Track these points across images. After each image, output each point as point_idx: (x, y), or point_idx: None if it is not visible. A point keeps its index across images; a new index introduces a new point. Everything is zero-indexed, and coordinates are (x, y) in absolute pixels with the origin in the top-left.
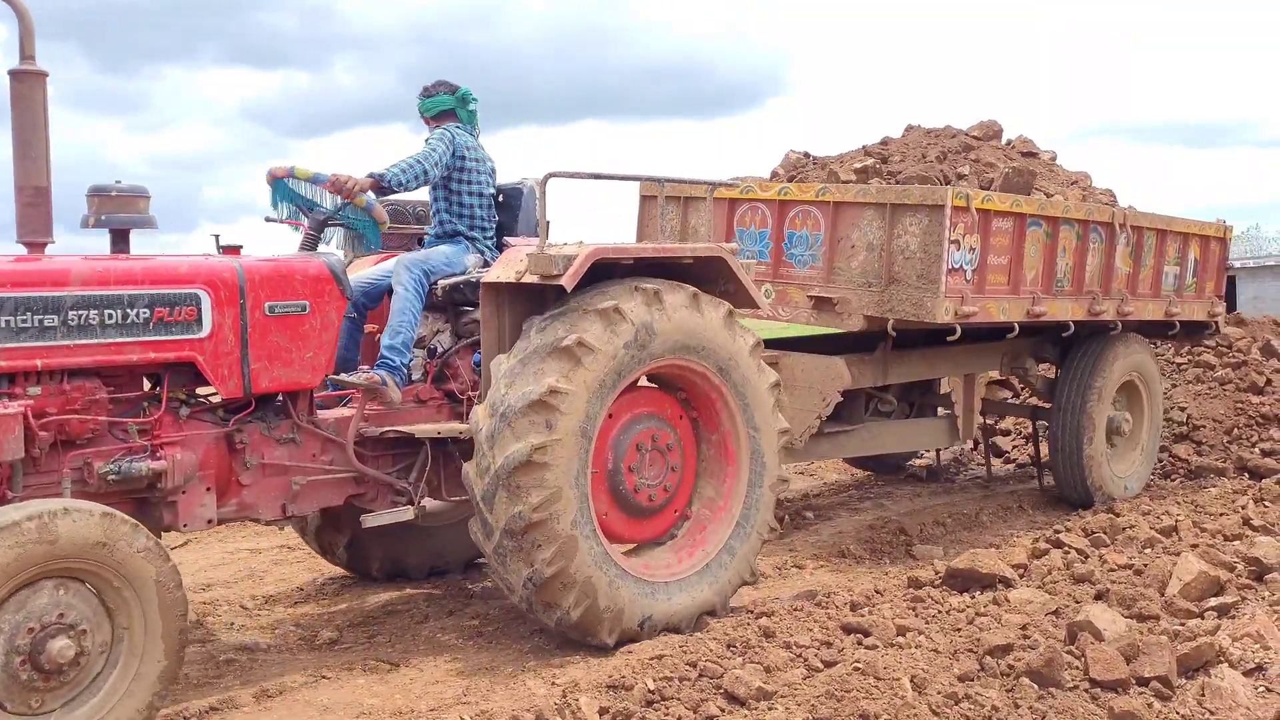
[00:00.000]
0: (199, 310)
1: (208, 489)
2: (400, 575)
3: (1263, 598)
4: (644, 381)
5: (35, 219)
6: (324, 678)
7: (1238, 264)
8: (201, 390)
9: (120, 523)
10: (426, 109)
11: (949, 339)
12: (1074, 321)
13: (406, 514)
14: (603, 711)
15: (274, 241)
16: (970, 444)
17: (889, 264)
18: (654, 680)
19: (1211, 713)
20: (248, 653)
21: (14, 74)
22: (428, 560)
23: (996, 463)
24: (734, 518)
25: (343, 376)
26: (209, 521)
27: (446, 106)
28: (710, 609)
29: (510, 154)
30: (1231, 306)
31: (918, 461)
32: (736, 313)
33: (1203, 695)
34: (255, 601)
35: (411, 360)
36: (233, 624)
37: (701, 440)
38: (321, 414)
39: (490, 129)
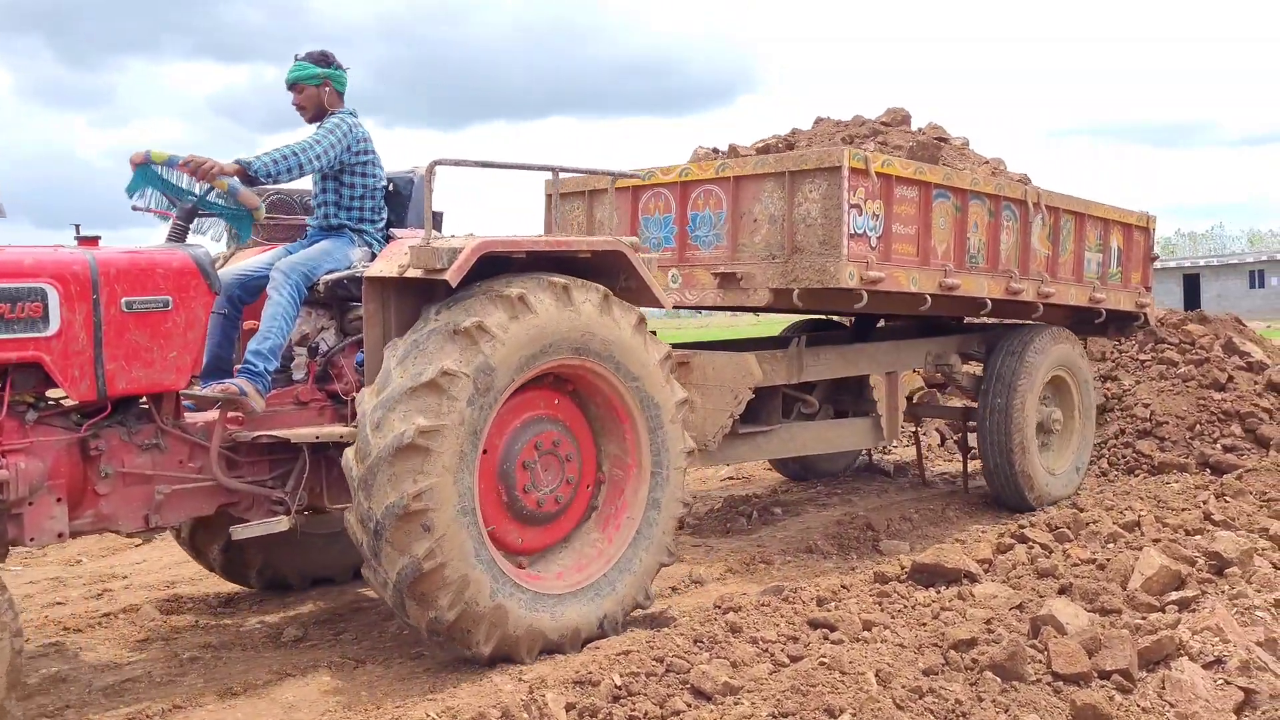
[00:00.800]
0: (45, 306)
1: (58, 500)
2: (280, 585)
3: (1222, 591)
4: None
5: None
6: (288, 675)
7: (1203, 262)
8: (54, 393)
9: None
10: (299, 76)
11: (856, 306)
12: (992, 299)
13: (281, 525)
14: (569, 707)
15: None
16: (937, 442)
17: (791, 234)
18: (621, 676)
19: (1172, 705)
20: (212, 651)
21: None
22: (310, 570)
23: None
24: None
25: (195, 390)
26: (60, 535)
27: (310, 76)
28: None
29: (479, 150)
30: (1194, 304)
31: (887, 458)
32: (610, 295)
33: (1163, 688)
34: (219, 599)
35: (289, 363)
36: (196, 622)
37: (589, 411)
38: (189, 417)
39: (459, 124)
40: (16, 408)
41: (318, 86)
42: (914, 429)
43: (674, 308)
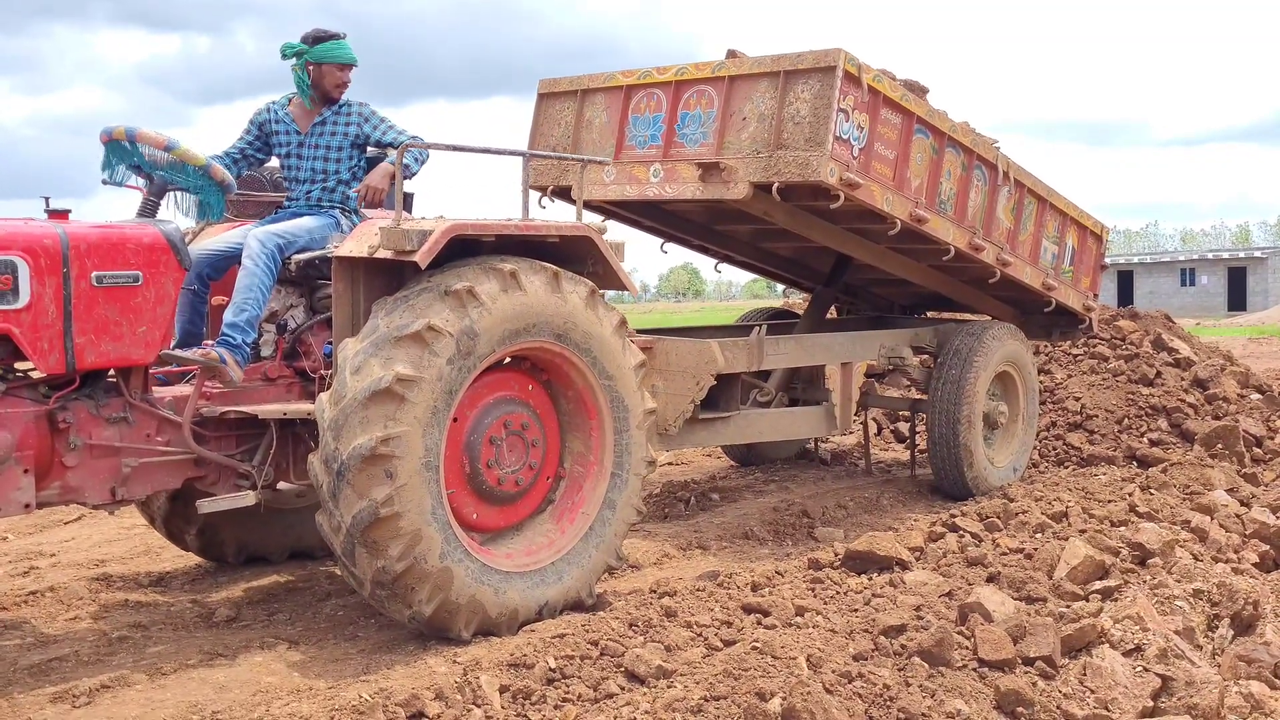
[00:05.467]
0: (15, 279)
1: (25, 470)
2: (259, 560)
3: (1144, 581)
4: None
5: None
6: (220, 656)
7: (1136, 259)
8: (22, 365)
9: None
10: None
11: (832, 206)
12: (956, 248)
13: (247, 499)
14: (503, 689)
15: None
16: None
17: (779, 132)
18: (555, 659)
19: (1092, 690)
20: (142, 630)
21: None
22: (287, 544)
23: (898, 448)
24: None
25: (177, 352)
26: (26, 506)
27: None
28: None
29: (421, 128)
30: (1127, 301)
31: (824, 446)
32: (599, 292)
33: (1084, 674)
34: (150, 579)
35: (258, 338)
36: (127, 601)
37: (559, 405)
38: (158, 391)
39: (399, 101)
40: None
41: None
42: (861, 419)
43: (651, 200)
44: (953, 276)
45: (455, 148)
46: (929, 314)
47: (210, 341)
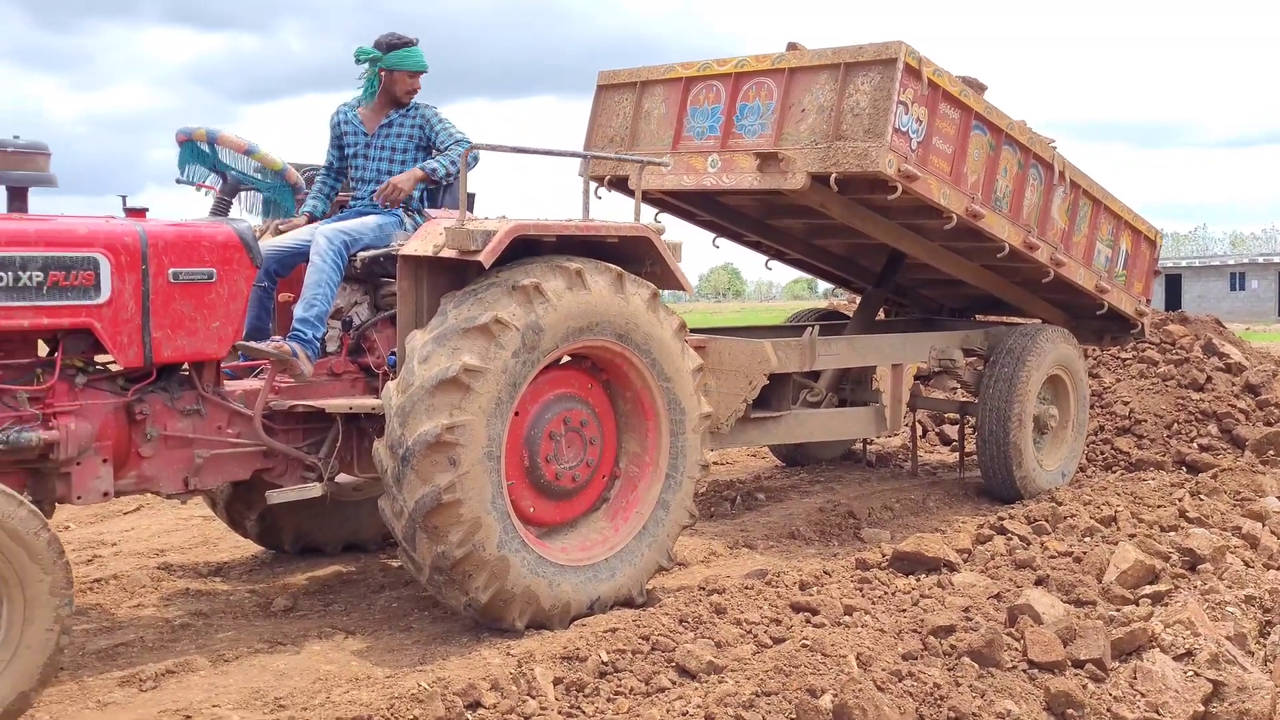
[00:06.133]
0: (97, 275)
1: (104, 460)
2: (314, 551)
3: (1195, 587)
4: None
5: None
6: (279, 644)
7: (1185, 263)
8: (102, 358)
9: (10, 500)
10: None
11: (889, 198)
12: (1010, 245)
13: (314, 491)
14: (557, 681)
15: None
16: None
17: (837, 124)
18: (607, 652)
19: (1143, 694)
20: (203, 618)
21: None
22: (342, 536)
23: (944, 450)
24: (661, 483)
25: (251, 345)
26: (105, 494)
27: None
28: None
29: (462, 128)
30: (1175, 305)
31: (870, 447)
32: (660, 295)
33: (1135, 678)
34: (209, 568)
35: (326, 333)
36: (188, 590)
37: (617, 405)
38: (229, 385)
39: (439, 100)
40: (67, 372)
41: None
42: (909, 420)
43: (708, 191)
44: (1005, 277)
45: (519, 150)
46: (977, 317)
47: (279, 337)
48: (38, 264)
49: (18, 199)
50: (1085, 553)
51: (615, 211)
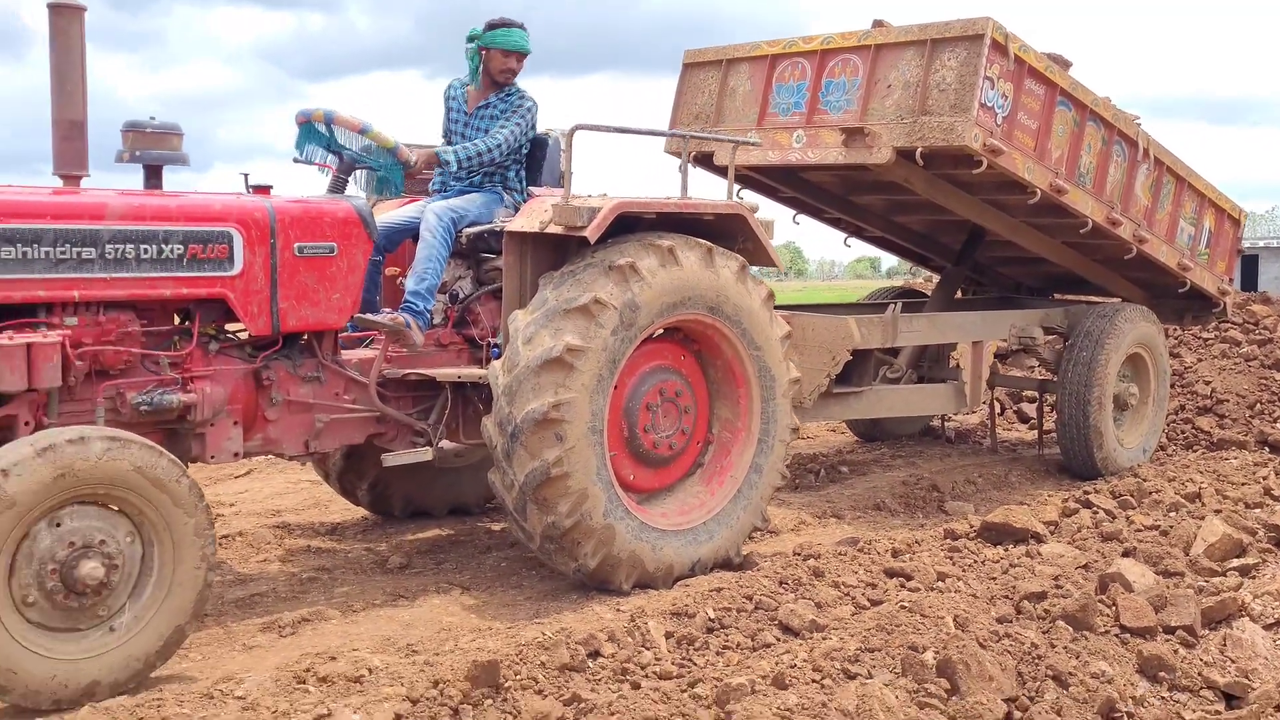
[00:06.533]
0: (231, 248)
1: (235, 423)
2: (422, 515)
3: None
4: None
5: (71, 152)
6: (401, 597)
7: (1261, 243)
8: (230, 326)
9: (152, 451)
10: (527, 47)
11: (974, 172)
12: (1093, 221)
13: (425, 454)
14: (668, 635)
15: (297, 181)
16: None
17: (923, 98)
18: (714, 610)
19: (1232, 660)
20: (326, 573)
21: (53, 8)
22: (448, 500)
23: (1022, 428)
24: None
25: (369, 316)
26: (235, 455)
27: (527, 50)
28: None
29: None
30: (1252, 285)
31: (949, 424)
32: (749, 267)
33: (1225, 645)
34: (325, 528)
35: (433, 305)
36: (308, 547)
37: (709, 374)
38: (345, 354)
39: None
40: (202, 339)
41: (522, 59)
42: (988, 397)
43: (793, 166)
44: (1086, 254)
45: (623, 130)
46: (1056, 296)
47: (388, 309)
48: (178, 238)
49: (153, 176)
50: (1171, 527)
51: (697, 185)
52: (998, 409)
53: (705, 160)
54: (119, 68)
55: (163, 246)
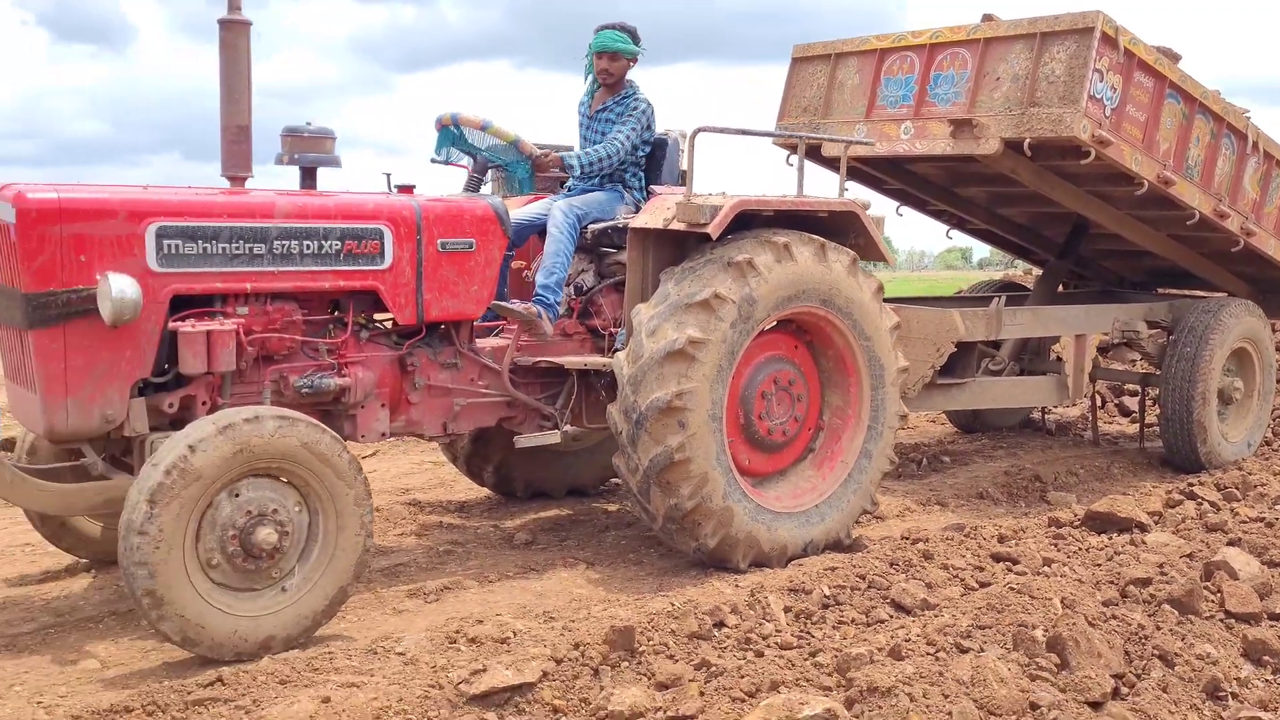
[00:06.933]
0: (382, 244)
1: (382, 405)
2: (542, 495)
3: None
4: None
5: (238, 155)
6: (532, 570)
7: None
8: (379, 316)
9: (316, 429)
10: (620, 48)
11: (1081, 163)
12: (1200, 213)
13: (554, 437)
14: (787, 609)
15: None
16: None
17: (1032, 90)
18: (829, 587)
19: None
20: (459, 546)
21: (223, 23)
22: (566, 481)
23: (1123, 421)
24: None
25: (505, 305)
26: (382, 435)
27: (627, 50)
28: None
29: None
30: None
31: (1050, 416)
32: (859, 260)
33: None
34: (453, 506)
35: (561, 298)
36: (440, 523)
37: (820, 363)
38: (479, 342)
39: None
40: (354, 328)
41: (627, 60)
42: (1090, 390)
43: (900, 157)
44: (1192, 248)
45: (743, 131)
46: (1160, 290)
47: (517, 299)
48: (336, 235)
49: (309, 177)
50: (1277, 519)
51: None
52: (1099, 402)
53: (812, 152)
54: (215, 58)
55: (323, 243)
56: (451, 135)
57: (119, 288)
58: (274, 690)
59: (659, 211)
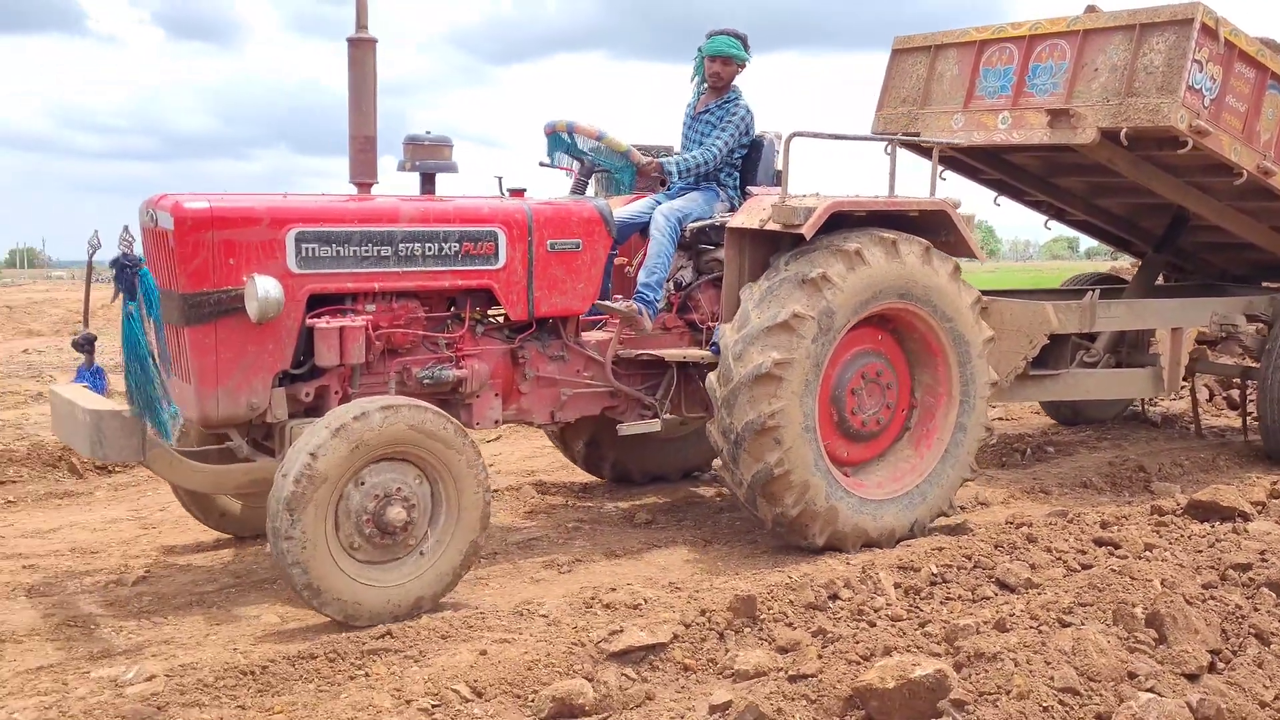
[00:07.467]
0: (496, 246)
1: (496, 394)
2: (625, 480)
3: None
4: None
5: (364, 164)
6: (655, 546)
7: None
8: (493, 312)
9: (418, 409)
10: (733, 53)
11: (1179, 152)
12: None
13: (655, 426)
14: (897, 585)
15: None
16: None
17: (1130, 81)
18: (936, 566)
19: None
20: (587, 524)
21: (351, 41)
22: (652, 469)
23: (1231, 414)
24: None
25: (606, 303)
26: (495, 422)
27: (738, 56)
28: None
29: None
30: None
31: (1154, 409)
32: (932, 248)
33: None
34: (575, 487)
35: (661, 295)
36: (565, 503)
37: (905, 345)
38: (585, 336)
39: (688, 57)
40: (470, 323)
41: (737, 66)
42: (1189, 383)
43: (998, 146)
44: None
45: (837, 136)
46: (1264, 284)
47: (619, 295)
48: (455, 237)
49: (428, 182)
50: None
51: (901, 164)
52: (1205, 395)
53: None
54: (325, 55)
55: (443, 245)
56: (564, 142)
57: (264, 288)
58: (436, 643)
59: (755, 212)
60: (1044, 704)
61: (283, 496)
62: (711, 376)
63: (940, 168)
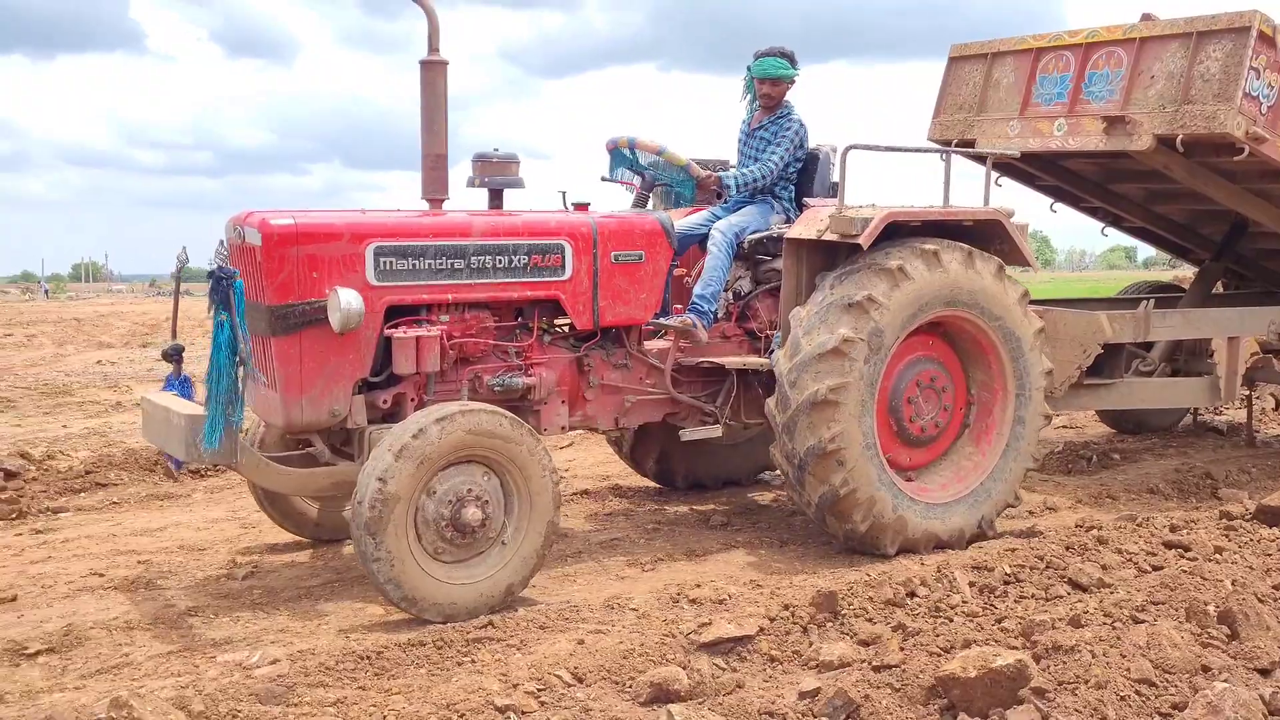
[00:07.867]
0: (563, 258)
1: (562, 401)
2: (698, 486)
3: None
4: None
5: (436, 180)
6: (733, 546)
7: None
8: (559, 322)
9: (473, 412)
10: (781, 74)
11: (1235, 158)
12: None
13: (716, 431)
14: (971, 584)
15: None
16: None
17: (1186, 88)
18: (1009, 566)
19: None
20: (666, 525)
21: (423, 63)
22: (722, 474)
23: None
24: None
25: (661, 321)
26: (562, 428)
27: (787, 76)
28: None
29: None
30: None
31: (1220, 418)
32: (974, 252)
33: None
34: (650, 492)
35: (718, 306)
36: (642, 506)
37: (957, 346)
38: (647, 345)
39: (736, 68)
40: (538, 333)
41: (787, 84)
42: (1247, 392)
43: (1053, 153)
44: None
45: (892, 149)
46: None
47: (680, 307)
48: (524, 250)
49: (496, 198)
50: None
51: (956, 169)
52: (1271, 404)
53: (967, 147)
54: (376, 70)
55: (512, 258)
56: (626, 158)
57: (346, 300)
58: (535, 633)
59: (813, 223)
60: (1121, 693)
61: (362, 521)
62: (769, 402)
63: (996, 174)
